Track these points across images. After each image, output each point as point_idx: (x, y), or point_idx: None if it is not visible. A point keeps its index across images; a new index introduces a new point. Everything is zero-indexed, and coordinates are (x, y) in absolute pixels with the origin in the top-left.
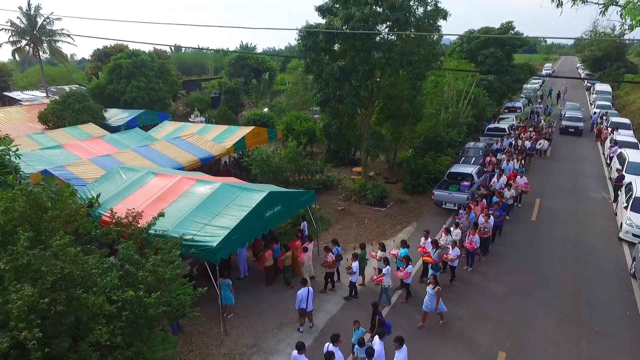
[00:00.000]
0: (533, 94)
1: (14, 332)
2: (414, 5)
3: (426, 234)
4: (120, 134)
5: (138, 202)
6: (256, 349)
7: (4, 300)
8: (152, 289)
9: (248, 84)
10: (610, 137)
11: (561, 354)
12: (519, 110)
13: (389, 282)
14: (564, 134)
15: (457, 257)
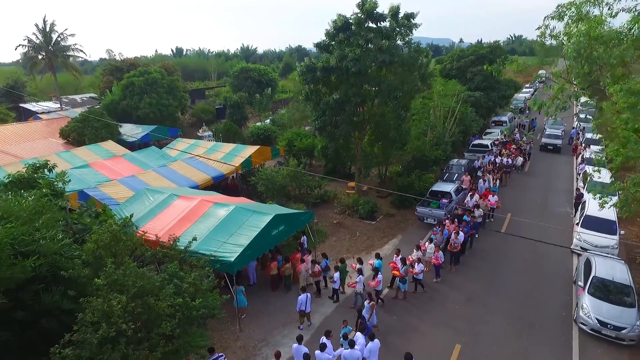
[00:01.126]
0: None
1: (116, 325)
2: (399, 48)
3: (397, 252)
4: (139, 152)
5: (166, 221)
6: (265, 342)
7: (109, 305)
8: (193, 296)
9: (252, 96)
10: (582, 153)
11: (505, 345)
12: (505, 124)
13: (361, 288)
14: (543, 151)
15: (422, 271)
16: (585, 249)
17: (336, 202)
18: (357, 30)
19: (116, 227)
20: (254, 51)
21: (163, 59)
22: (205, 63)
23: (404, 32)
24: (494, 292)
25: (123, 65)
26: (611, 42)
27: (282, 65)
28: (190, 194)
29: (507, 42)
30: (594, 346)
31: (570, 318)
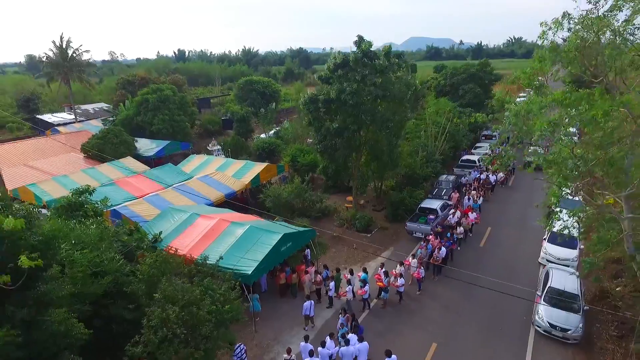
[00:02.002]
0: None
1: (172, 329)
2: (391, 83)
3: (382, 265)
4: (157, 169)
5: (190, 238)
6: (276, 341)
7: (166, 314)
8: (223, 304)
9: (256, 107)
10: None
11: (474, 343)
12: (494, 138)
13: (351, 297)
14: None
15: (402, 284)
16: (550, 261)
17: (335, 217)
18: (354, 66)
19: (167, 254)
20: (255, 54)
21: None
22: (208, 68)
23: (395, 68)
24: (469, 300)
25: (135, 80)
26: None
27: (284, 70)
28: (209, 212)
29: (507, 44)
30: (545, 344)
31: (530, 322)
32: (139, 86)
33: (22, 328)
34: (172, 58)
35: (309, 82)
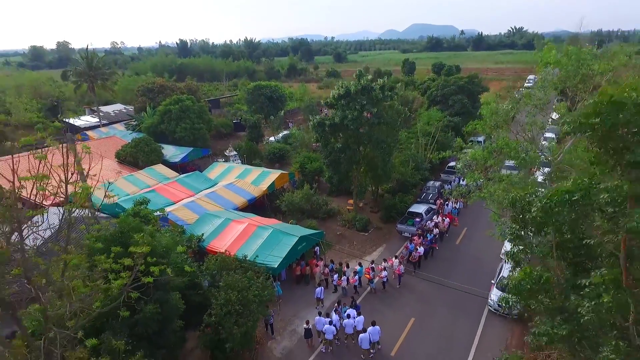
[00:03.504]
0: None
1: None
2: (385, 112)
3: (372, 262)
4: (187, 176)
5: (226, 239)
6: (296, 317)
7: (229, 296)
8: (262, 289)
9: (264, 110)
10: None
11: (441, 319)
12: (482, 144)
13: (345, 284)
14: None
15: (386, 276)
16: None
17: (339, 218)
18: (355, 96)
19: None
20: (257, 45)
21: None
22: (213, 63)
23: (388, 97)
24: (442, 289)
25: (154, 87)
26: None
27: (287, 65)
28: (239, 217)
29: (508, 34)
30: (493, 319)
31: (485, 303)
32: (158, 93)
33: (158, 305)
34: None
35: (311, 78)
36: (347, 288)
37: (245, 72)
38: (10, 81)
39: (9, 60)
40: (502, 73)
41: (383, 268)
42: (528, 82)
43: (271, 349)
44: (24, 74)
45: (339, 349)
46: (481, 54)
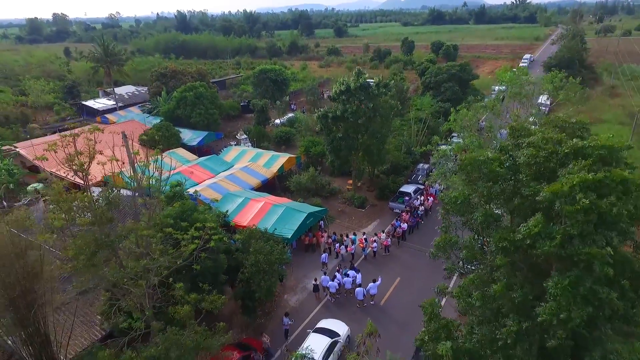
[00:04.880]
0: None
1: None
2: (380, 106)
3: (363, 233)
4: (206, 159)
5: (248, 215)
6: (305, 277)
7: (258, 259)
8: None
9: (269, 93)
10: None
11: (421, 278)
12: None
13: (344, 251)
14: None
15: (376, 246)
16: None
17: (340, 196)
18: (354, 93)
19: (255, 229)
20: (257, 18)
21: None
22: (216, 40)
23: (382, 93)
24: (423, 256)
25: (167, 72)
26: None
27: (288, 43)
28: (256, 196)
29: (511, 6)
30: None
31: None
32: (171, 77)
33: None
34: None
35: (313, 55)
36: (345, 255)
37: (247, 50)
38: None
39: (6, 34)
40: (500, 51)
41: (374, 240)
42: (523, 61)
43: (287, 300)
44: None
45: (340, 300)
46: (482, 28)
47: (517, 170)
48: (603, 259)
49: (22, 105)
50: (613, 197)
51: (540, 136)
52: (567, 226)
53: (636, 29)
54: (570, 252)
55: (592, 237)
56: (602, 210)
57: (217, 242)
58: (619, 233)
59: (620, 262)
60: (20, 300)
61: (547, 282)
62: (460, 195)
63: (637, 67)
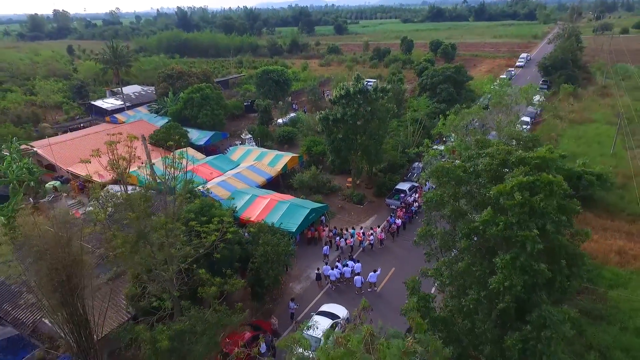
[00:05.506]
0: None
1: (270, 256)
2: (377, 110)
3: (361, 228)
4: (214, 158)
5: (255, 211)
6: (309, 267)
7: (266, 250)
8: (287, 246)
9: (272, 93)
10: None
11: (416, 269)
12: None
13: (344, 244)
14: None
15: (372, 239)
16: None
17: (340, 193)
18: (353, 97)
19: (264, 224)
20: (258, 15)
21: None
22: (217, 39)
23: (380, 97)
24: (414, 250)
25: (173, 73)
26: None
27: (289, 41)
28: (262, 193)
29: (511, 3)
30: None
31: None
32: (177, 79)
33: (228, 251)
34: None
35: (313, 54)
36: (345, 247)
37: (249, 48)
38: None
39: (8, 30)
40: (499, 49)
41: (370, 234)
42: (520, 60)
43: (292, 287)
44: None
45: (340, 287)
46: (481, 25)
47: (478, 175)
48: (533, 239)
49: (32, 105)
50: (542, 195)
51: (495, 148)
52: (508, 216)
53: (634, 26)
54: (510, 235)
55: (526, 224)
56: (533, 205)
57: (233, 235)
58: (553, 222)
59: (558, 246)
60: (65, 284)
61: (496, 258)
62: (435, 195)
63: (630, 66)
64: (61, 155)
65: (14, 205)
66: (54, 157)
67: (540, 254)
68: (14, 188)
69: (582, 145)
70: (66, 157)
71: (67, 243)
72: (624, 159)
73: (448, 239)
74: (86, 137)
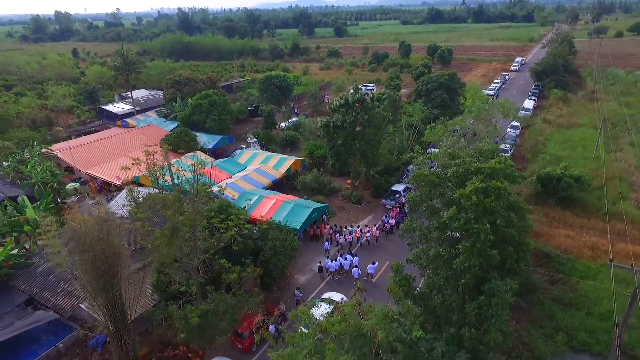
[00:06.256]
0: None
1: (277, 250)
2: (374, 117)
3: (358, 226)
4: (223, 162)
5: (262, 210)
6: (311, 261)
7: (275, 244)
8: (292, 242)
9: (275, 97)
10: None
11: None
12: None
13: (343, 240)
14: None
15: (369, 236)
16: None
17: (340, 194)
18: (352, 105)
19: (272, 223)
20: (258, 17)
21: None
22: (220, 42)
23: (377, 106)
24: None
25: (181, 79)
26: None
27: (290, 44)
28: (269, 194)
29: (509, 4)
30: None
31: None
32: (184, 84)
33: (244, 244)
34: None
35: (313, 58)
36: (344, 243)
37: (251, 51)
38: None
39: (11, 32)
40: (495, 53)
41: (367, 231)
42: (515, 65)
43: (297, 279)
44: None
45: (340, 278)
46: (479, 27)
47: (448, 180)
48: (485, 231)
49: (45, 109)
50: (492, 197)
51: (461, 160)
52: (467, 213)
53: (629, 29)
54: (469, 228)
55: (480, 219)
56: (485, 205)
57: (247, 231)
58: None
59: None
60: (107, 272)
61: (459, 246)
62: (414, 195)
63: (620, 71)
64: (80, 158)
65: (45, 205)
66: (73, 160)
67: (493, 242)
68: (39, 189)
69: (567, 148)
70: (85, 160)
71: (108, 237)
72: (604, 161)
73: (425, 231)
74: (102, 141)
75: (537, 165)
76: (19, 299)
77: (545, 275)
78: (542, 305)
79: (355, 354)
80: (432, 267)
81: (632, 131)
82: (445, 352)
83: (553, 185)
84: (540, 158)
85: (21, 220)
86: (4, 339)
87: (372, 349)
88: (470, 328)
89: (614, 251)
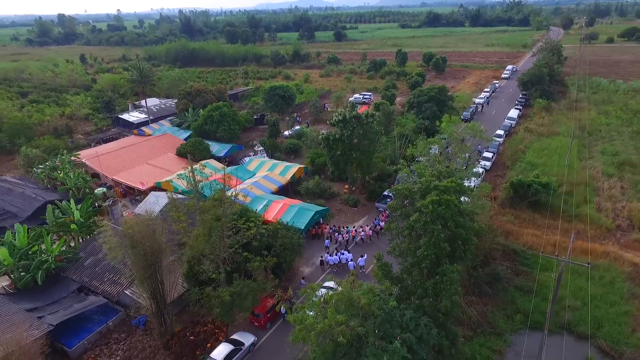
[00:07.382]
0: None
1: (284, 247)
2: (369, 131)
3: (354, 226)
4: (234, 169)
5: (272, 212)
6: (314, 256)
7: (284, 241)
8: (298, 240)
9: (279, 106)
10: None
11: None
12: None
13: (340, 239)
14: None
15: (362, 235)
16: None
17: (338, 198)
18: (348, 120)
19: (281, 224)
20: (259, 21)
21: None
22: (223, 49)
23: (371, 122)
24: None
25: (192, 91)
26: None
27: (292, 50)
28: (276, 198)
29: (506, 8)
30: None
31: None
32: (195, 95)
33: (260, 241)
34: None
35: (314, 64)
36: (342, 241)
37: (253, 58)
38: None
39: (17, 36)
40: (488, 59)
41: (361, 231)
42: (505, 72)
43: (302, 271)
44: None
45: (338, 271)
46: (476, 31)
47: (415, 193)
48: (438, 230)
49: (64, 117)
50: (444, 206)
51: (425, 178)
52: (426, 218)
53: (620, 35)
54: (427, 228)
55: (435, 222)
56: (438, 212)
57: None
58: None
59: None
60: (154, 264)
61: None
62: (393, 203)
63: (603, 80)
64: (105, 165)
65: (86, 208)
66: (101, 167)
67: (447, 238)
68: (74, 194)
69: (544, 156)
70: (110, 167)
71: (154, 235)
72: (575, 169)
73: (400, 230)
74: (125, 149)
75: (515, 172)
76: (72, 287)
77: (511, 267)
78: (505, 292)
79: (347, 314)
80: (404, 256)
81: (605, 139)
82: (412, 317)
83: (524, 190)
84: (518, 165)
85: (67, 221)
86: (66, 317)
87: (359, 312)
88: (429, 299)
89: (573, 247)
